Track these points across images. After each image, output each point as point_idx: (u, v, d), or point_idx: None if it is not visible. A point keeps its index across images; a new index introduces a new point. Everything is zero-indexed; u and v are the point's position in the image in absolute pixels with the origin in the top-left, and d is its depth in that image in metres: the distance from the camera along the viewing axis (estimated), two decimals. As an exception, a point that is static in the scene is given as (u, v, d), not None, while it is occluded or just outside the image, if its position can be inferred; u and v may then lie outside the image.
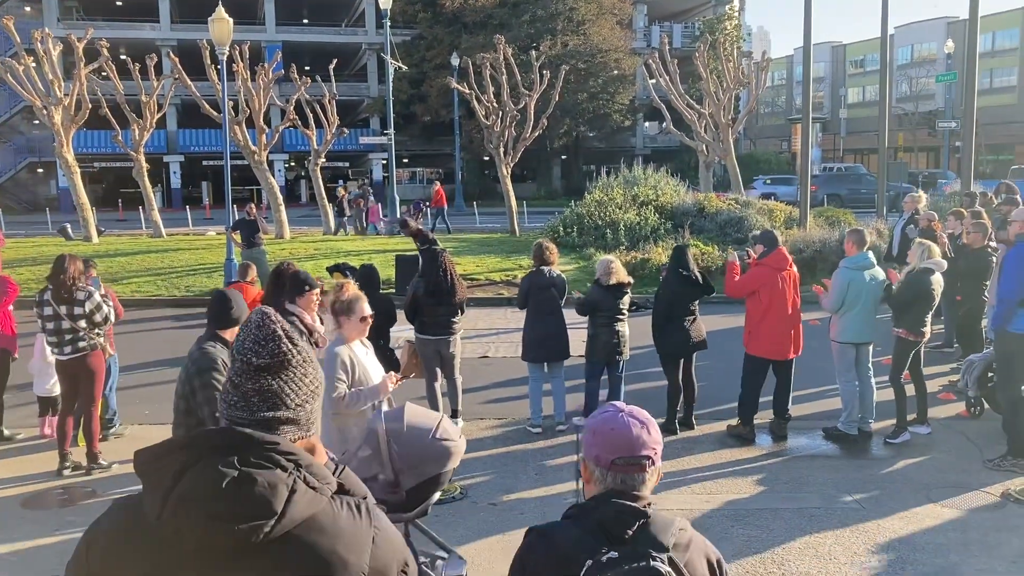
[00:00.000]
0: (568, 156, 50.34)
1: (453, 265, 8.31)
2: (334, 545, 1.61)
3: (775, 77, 66.39)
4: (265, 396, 1.71)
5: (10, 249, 21.37)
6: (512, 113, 23.67)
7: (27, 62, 22.78)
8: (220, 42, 16.42)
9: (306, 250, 20.69)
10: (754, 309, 7.94)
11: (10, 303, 8.17)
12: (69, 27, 38.37)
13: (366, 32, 48.89)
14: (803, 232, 17.81)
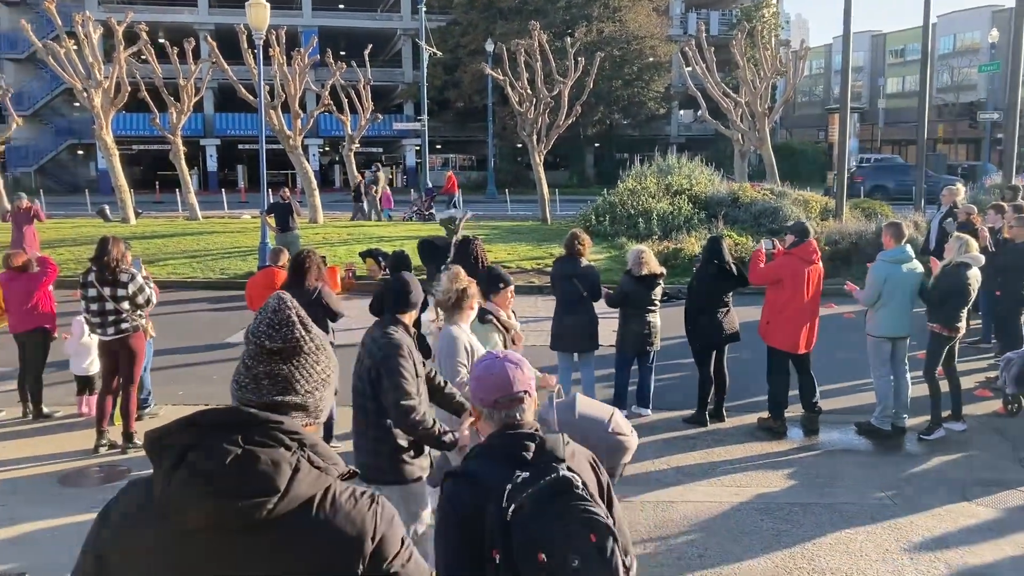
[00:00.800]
0: (601, 143, 50.08)
1: (485, 253, 8.30)
2: (335, 525, 1.64)
3: (812, 66, 65.43)
4: (276, 380, 1.73)
5: (50, 229, 21.73)
6: (546, 100, 23.57)
7: (68, 45, 23.08)
8: (257, 27, 16.50)
9: (339, 235, 20.80)
10: (774, 299, 7.86)
11: (50, 283, 8.30)
12: (109, 10, 38.81)
13: (401, 17, 48.93)
14: (839, 224, 17.58)
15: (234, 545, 1.60)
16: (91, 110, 24.02)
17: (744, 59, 25.40)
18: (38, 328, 8.20)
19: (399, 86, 48.79)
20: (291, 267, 7.38)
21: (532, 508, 2.12)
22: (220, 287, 16.08)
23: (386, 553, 1.69)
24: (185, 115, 25.35)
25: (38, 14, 37.82)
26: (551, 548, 2.09)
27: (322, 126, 42.63)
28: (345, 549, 1.64)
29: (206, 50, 26.19)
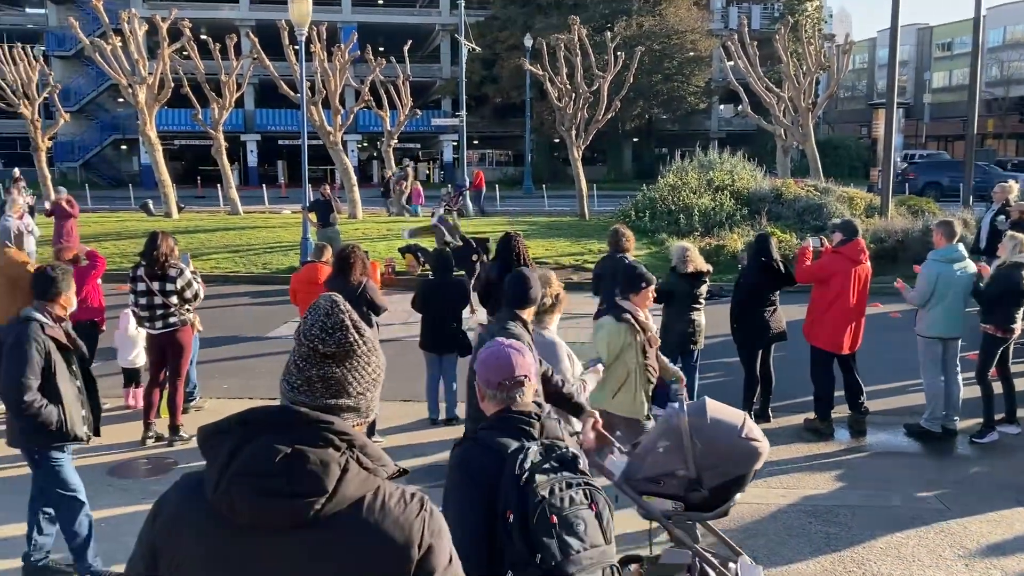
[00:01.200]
0: (640, 138, 49.79)
1: (527, 250, 8.27)
2: (383, 526, 1.64)
3: (856, 60, 64.45)
4: (328, 383, 1.73)
5: (95, 223, 22.12)
6: (585, 95, 23.46)
7: (114, 42, 23.44)
8: (299, 23, 16.60)
9: (378, 230, 20.90)
10: (820, 298, 7.74)
11: (98, 276, 8.41)
12: (153, 7, 39.36)
13: (440, 13, 49.03)
14: (885, 221, 17.28)
15: (283, 544, 1.61)
16: (135, 106, 24.39)
17: (787, 54, 25.06)
18: (87, 321, 8.30)
19: (437, 81, 48.92)
20: (336, 262, 7.43)
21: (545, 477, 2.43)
22: (262, 281, 16.24)
23: (433, 565, 1.69)
24: (227, 111, 25.63)
25: (85, 12, 38.47)
26: (561, 513, 2.39)
27: (360, 122, 42.88)
28: (393, 555, 1.64)
29: (247, 46, 26.46)
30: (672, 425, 3.84)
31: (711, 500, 3.74)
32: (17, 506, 5.46)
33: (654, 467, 3.90)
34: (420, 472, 6.70)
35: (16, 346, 4.71)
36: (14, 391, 4.65)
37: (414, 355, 8.57)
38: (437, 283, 8.09)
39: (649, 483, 3.93)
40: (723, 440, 3.70)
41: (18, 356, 4.69)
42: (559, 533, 2.38)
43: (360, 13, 47.51)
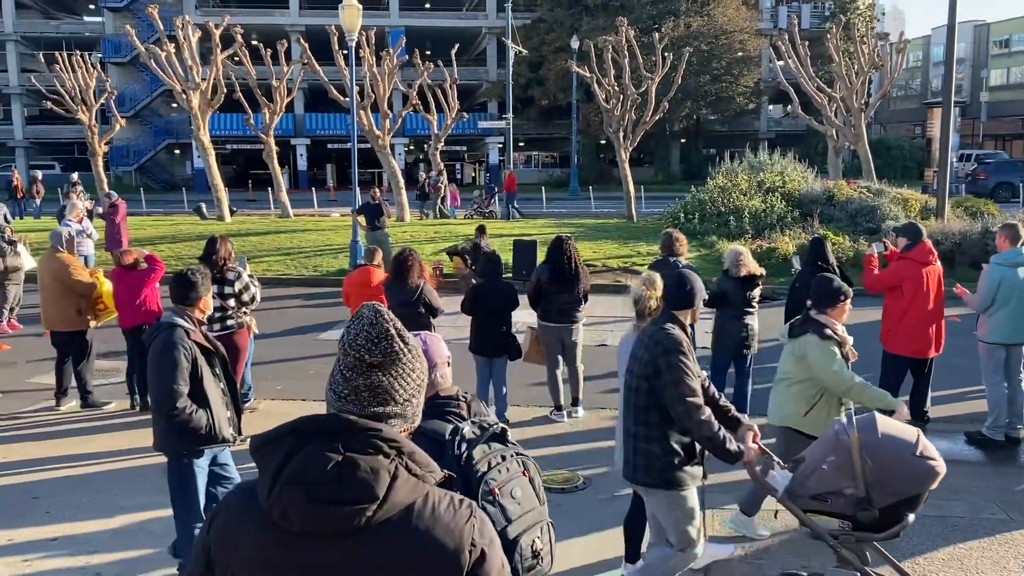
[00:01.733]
0: (688, 139, 49.40)
1: (578, 252, 8.25)
2: (434, 533, 1.65)
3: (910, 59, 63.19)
4: (375, 392, 1.76)
5: (150, 227, 22.60)
6: (633, 96, 23.35)
7: (168, 48, 23.93)
8: (349, 28, 16.78)
9: (426, 233, 21.02)
10: (894, 305, 7.58)
11: (157, 280, 8.58)
12: (206, 14, 40.11)
13: (486, 16, 49.17)
14: (941, 223, 16.89)
15: (334, 550, 1.64)
16: (189, 111, 24.85)
17: (839, 53, 24.66)
18: (145, 323, 8.48)
19: (483, 84, 49.06)
20: (394, 266, 7.50)
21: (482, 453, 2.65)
22: (313, 284, 16.44)
23: (485, 571, 1.70)
24: (277, 115, 25.99)
25: (140, 19, 39.35)
26: (500, 483, 2.60)
27: (407, 125, 43.18)
28: (443, 561, 1.66)
29: (298, 51, 26.82)
30: (841, 441, 3.69)
31: (881, 520, 3.61)
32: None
33: (820, 484, 3.79)
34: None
35: (164, 352, 4.74)
36: (166, 398, 4.69)
37: (464, 358, 8.60)
38: (487, 286, 8.11)
39: (815, 501, 3.83)
40: (895, 458, 3.55)
41: (167, 362, 4.72)
42: (500, 501, 2.58)
43: (408, 17, 47.85)
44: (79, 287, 8.44)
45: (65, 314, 8.51)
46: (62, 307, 8.50)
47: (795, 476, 3.96)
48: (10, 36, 48.79)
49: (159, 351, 4.77)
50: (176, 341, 4.77)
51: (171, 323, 4.90)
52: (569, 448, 7.46)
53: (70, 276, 8.44)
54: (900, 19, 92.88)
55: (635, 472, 4.33)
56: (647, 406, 4.21)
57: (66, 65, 27.45)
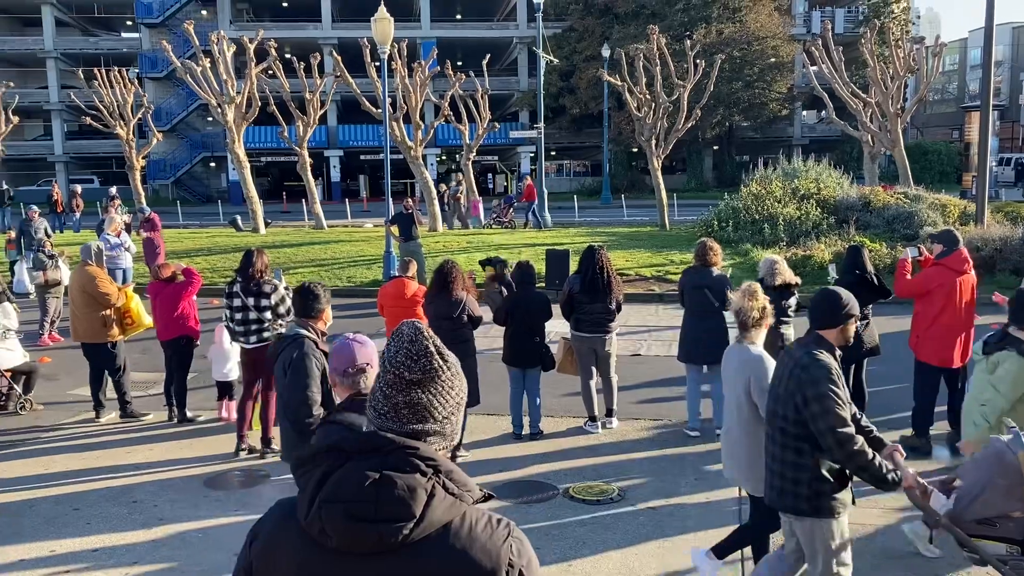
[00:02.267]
0: (720, 146, 49.09)
1: (610, 262, 8.22)
2: (471, 552, 1.65)
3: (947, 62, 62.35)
4: (415, 409, 1.76)
5: (187, 239, 22.90)
6: (665, 104, 23.26)
7: (204, 63, 24.28)
8: (382, 41, 16.90)
9: (459, 243, 21.07)
10: (924, 312, 7.45)
11: (194, 293, 8.69)
12: (240, 29, 40.62)
13: (517, 26, 49.30)
14: (981, 229, 16.61)
15: (373, 568, 1.64)
16: (224, 124, 25.20)
17: (874, 58, 24.39)
18: (183, 336, 8.60)
19: (515, 94, 49.18)
20: (436, 278, 7.53)
21: None
22: (347, 295, 16.53)
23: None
24: (311, 128, 26.24)
25: (176, 35, 40.01)
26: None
27: (439, 136, 43.38)
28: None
29: (330, 64, 27.10)
30: (1007, 462, 3.55)
31: None
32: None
33: (987, 508, 3.66)
34: (506, 488, 6.70)
35: (298, 362, 4.81)
36: (301, 407, 4.75)
37: (497, 368, 8.60)
38: (521, 297, 8.10)
39: (981, 525, 3.71)
40: None
41: (301, 372, 4.79)
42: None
43: (439, 29, 48.12)
44: (103, 299, 8.53)
45: (91, 326, 8.62)
46: (89, 319, 8.61)
47: (958, 499, 3.81)
48: (50, 53, 49.81)
49: (293, 361, 4.84)
50: (308, 351, 4.86)
51: (297, 334, 4.99)
52: (603, 459, 7.42)
53: (95, 288, 8.54)
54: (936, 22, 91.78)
55: (781, 498, 4.20)
56: (796, 434, 4.05)
57: (104, 81, 27.97)
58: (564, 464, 7.33)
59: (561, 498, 6.56)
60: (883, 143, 24.80)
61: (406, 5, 48.34)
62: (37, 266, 12.89)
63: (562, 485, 6.78)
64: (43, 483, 6.99)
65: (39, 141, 52.17)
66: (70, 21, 52.81)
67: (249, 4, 51.29)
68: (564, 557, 5.56)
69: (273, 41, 25.55)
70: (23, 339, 10.19)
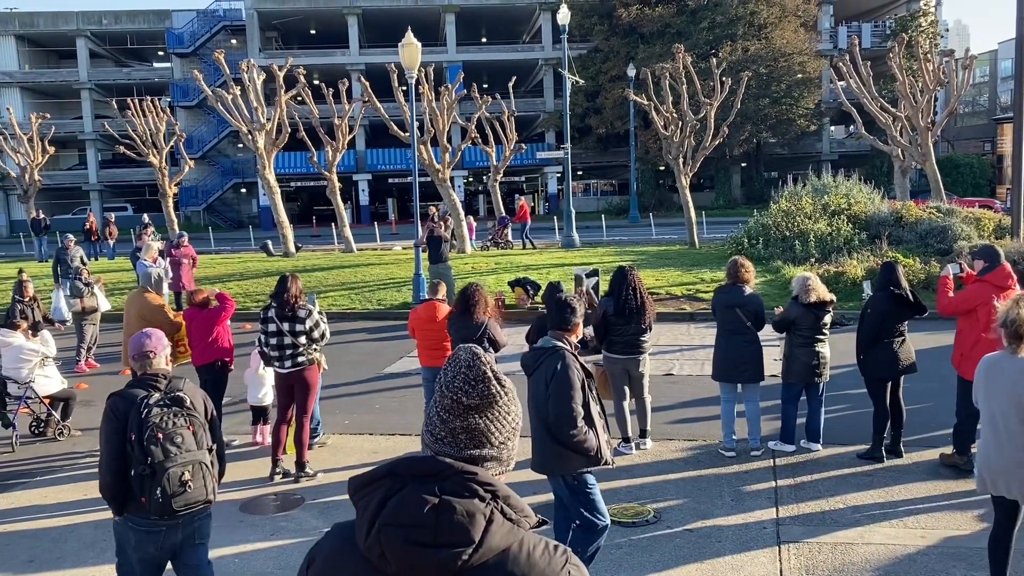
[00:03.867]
0: (748, 163, 48.87)
1: (642, 283, 8.19)
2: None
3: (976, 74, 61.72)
4: (472, 434, 1.76)
5: (219, 264, 23.15)
6: (692, 123, 23.24)
7: (234, 91, 24.65)
8: (409, 66, 17.07)
9: (487, 264, 21.13)
10: (968, 329, 7.32)
11: (228, 318, 8.76)
12: (269, 56, 41.26)
13: (542, 48, 49.59)
14: (1017, 243, 16.35)
15: None
16: (255, 151, 25.53)
17: (902, 72, 24.20)
18: (218, 359, 8.67)
19: (541, 115, 49.39)
20: (459, 300, 7.55)
21: (159, 410, 4.16)
22: (378, 317, 16.62)
23: None
24: (340, 152, 26.50)
25: (207, 64, 40.66)
26: (165, 431, 4.12)
27: (467, 158, 43.64)
28: None
29: (358, 89, 27.40)
30: None
31: None
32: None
33: None
34: (539, 511, 6.65)
35: (562, 375, 4.85)
36: (567, 419, 4.80)
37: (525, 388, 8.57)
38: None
39: None
40: None
41: (566, 384, 4.84)
42: (162, 443, 4.09)
43: (465, 52, 48.52)
44: (164, 327, 8.65)
45: None
46: (146, 347, 8.73)
47: None
48: (85, 84, 50.85)
49: (556, 373, 4.86)
50: (570, 363, 4.90)
51: (555, 347, 5.02)
52: (638, 480, 7.36)
53: (156, 315, 8.67)
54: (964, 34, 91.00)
55: None
56: None
57: (137, 110, 28.48)
58: (599, 486, 7.26)
59: None
60: (914, 157, 24.54)
61: (432, 30, 48.83)
62: (75, 294, 13.08)
63: (597, 507, 6.73)
64: (83, 508, 7.06)
65: (74, 170, 53.19)
66: (104, 52, 53.91)
67: (278, 32, 52.06)
68: (601, 580, 5.51)
69: (302, 68, 25.90)
70: (61, 366, 10.34)
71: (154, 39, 52.62)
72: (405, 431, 8.94)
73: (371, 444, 8.66)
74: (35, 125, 30.27)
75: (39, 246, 28.81)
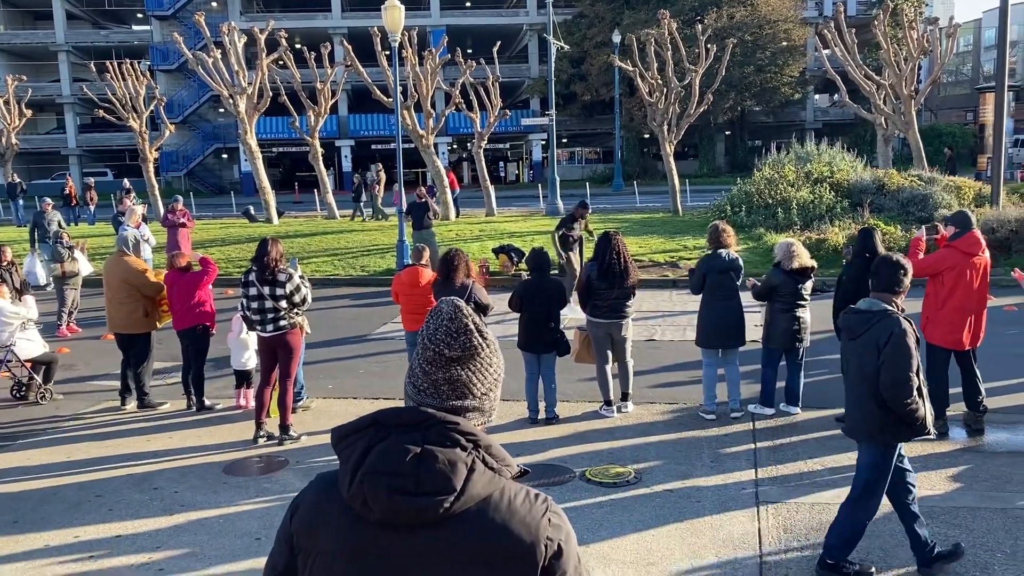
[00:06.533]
0: (732, 131, 48.84)
1: (626, 248, 8.21)
2: (510, 526, 1.67)
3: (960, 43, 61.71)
4: (455, 385, 1.78)
5: (200, 230, 22.97)
6: (676, 89, 23.17)
7: (215, 54, 24.32)
8: (392, 29, 16.89)
9: (471, 231, 21.10)
10: (935, 294, 7.41)
11: (210, 282, 8.74)
12: (250, 19, 40.68)
13: (527, 13, 49.12)
14: (996, 211, 16.50)
15: (414, 540, 1.67)
16: (236, 115, 25.25)
17: (887, 40, 24.18)
18: (199, 324, 8.66)
19: (525, 81, 49.04)
20: (441, 265, 7.56)
21: None
22: (360, 283, 16.60)
23: (561, 566, 1.72)
24: (322, 118, 26.27)
25: (187, 27, 40.04)
26: None
27: (451, 124, 43.34)
28: (520, 554, 1.67)
29: (341, 53, 27.09)
30: None
31: None
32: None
33: None
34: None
35: (899, 339, 4.69)
36: (903, 387, 4.67)
37: (512, 354, 8.61)
38: (535, 283, 8.12)
39: None
40: None
41: (905, 351, 4.68)
42: None
43: (449, 16, 47.99)
44: (148, 289, 8.64)
45: (131, 316, 8.70)
46: (128, 309, 8.69)
47: None
48: (62, 47, 49.99)
49: (892, 338, 4.70)
50: (907, 328, 4.73)
51: (885, 310, 4.84)
52: (619, 443, 7.44)
53: (139, 278, 8.62)
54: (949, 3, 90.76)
55: None
56: None
57: (116, 74, 28.05)
58: (580, 448, 7.36)
59: (578, 481, 6.60)
60: (897, 125, 24.62)
61: (415, -7, 48.24)
62: (56, 258, 12.98)
63: (578, 468, 6.81)
64: (66, 471, 7.08)
65: (52, 135, 52.45)
66: (81, 14, 52.96)
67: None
68: (582, 539, 5.59)
69: (283, 31, 25.57)
70: (42, 330, 10.29)
71: (133, 1, 51.70)
72: (389, 395, 8.98)
73: (355, 408, 8.69)
74: (11, 87, 29.76)
75: (15, 211, 28.49)
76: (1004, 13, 17.20)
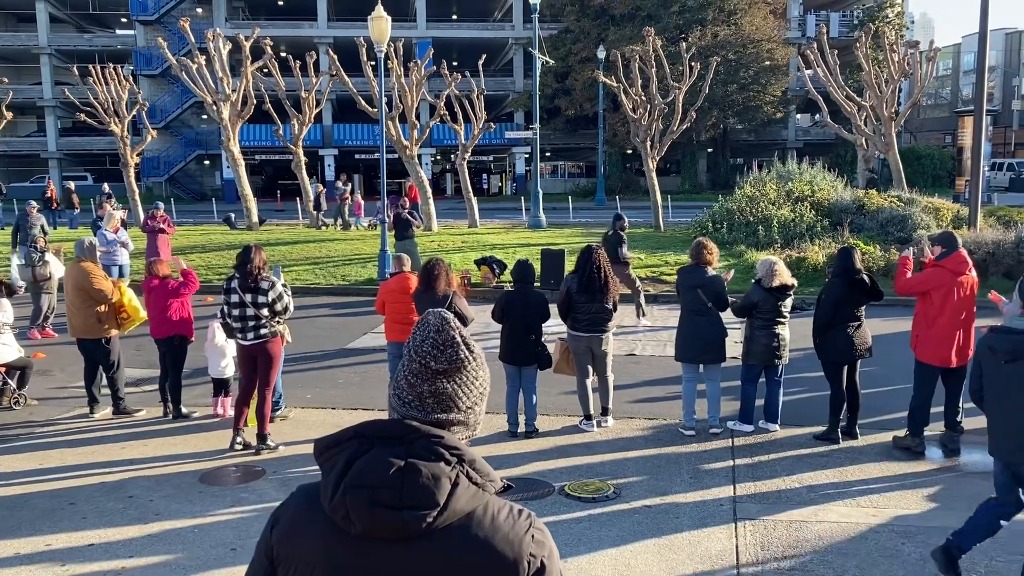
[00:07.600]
0: (715, 149, 49.19)
1: (607, 262, 8.23)
2: (493, 542, 1.65)
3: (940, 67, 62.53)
4: (440, 398, 1.76)
5: (181, 236, 22.82)
6: (660, 106, 23.32)
7: (199, 61, 24.23)
8: (379, 40, 16.91)
9: (453, 242, 21.09)
10: (924, 313, 7.50)
11: (189, 295, 8.67)
12: (236, 27, 40.54)
13: (513, 27, 49.31)
14: (974, 232, 16.68)
15: (396, 554, 1.65)
16: (219, 122, 25.15)
17: (868, 61, 24.48)
18: (176, 336, 8.59)
19: (510, 95, 49.20)
20: (422, 275, 7.55)
21: None
22: (341, 293, 16.54)
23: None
24: (306, 126, 26.21)
25: (172, 32, 39.90)
26: None
27: (435, 135, 43.37)
28: (502, 571, 1.66)
29: (326, 63, 27.05)
30: None
31: None
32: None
33: None
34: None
35: None
36: None
37: (493, 367, 8.59)
38: (518, 295, 8.11)
39: None
40: None
41: None
42: None
43: (435, 28, 48.10)
44: (97, 295, 8.48)
45: (86, 322, 8.58)
46: (84, 315, 8.57)
47: None
48: (44, 49, 49.62)
49: None
50: None
51: None
52: (599, 457, 7.43)
53: (90, 284, 8.50)
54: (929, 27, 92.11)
55: None
56: None
57: (99, 77, 27.86)
58: (560, 462, 7.34)
59: (557, 495, 6.58)
60: (877, 146, 24.90)
61: (402, 4, 48.29)
62: (28, 262, 12.85)
63: (558, 483, 6.80)
64: (39, 477, 6.98)
65: (32, 137, 51.98)
66: (64, 17, 52.60)
67: (245, 2, 51.21)
68: (561, 554, 5.49)
69: (269, 39, 25.54)
70: (17, 335, 10.16)
71: (117, 5, 51.39)
72: (367, 406, 8.93)
73: (333, 418, 8.64)
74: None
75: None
76: (983, 38, 17.46)
